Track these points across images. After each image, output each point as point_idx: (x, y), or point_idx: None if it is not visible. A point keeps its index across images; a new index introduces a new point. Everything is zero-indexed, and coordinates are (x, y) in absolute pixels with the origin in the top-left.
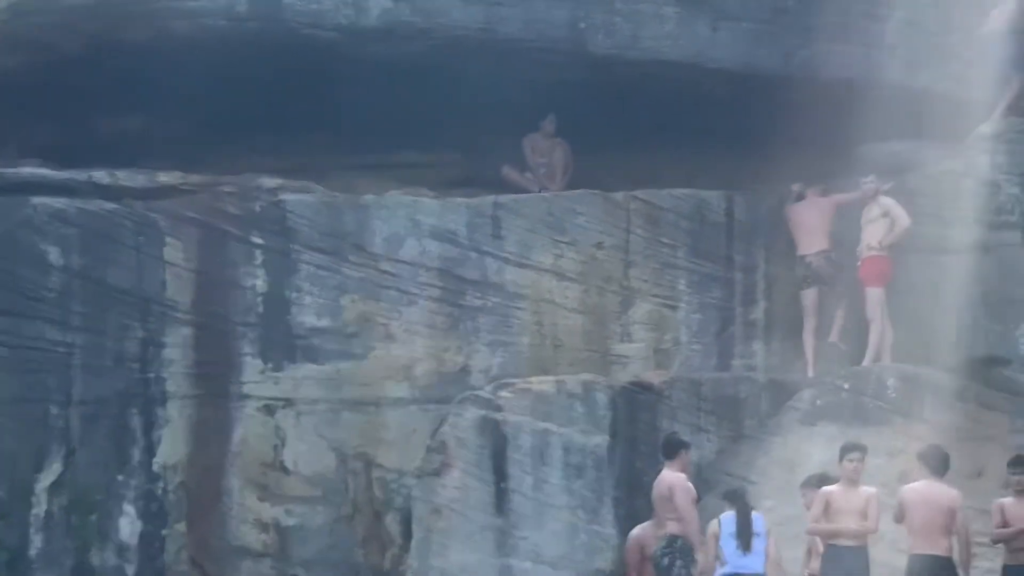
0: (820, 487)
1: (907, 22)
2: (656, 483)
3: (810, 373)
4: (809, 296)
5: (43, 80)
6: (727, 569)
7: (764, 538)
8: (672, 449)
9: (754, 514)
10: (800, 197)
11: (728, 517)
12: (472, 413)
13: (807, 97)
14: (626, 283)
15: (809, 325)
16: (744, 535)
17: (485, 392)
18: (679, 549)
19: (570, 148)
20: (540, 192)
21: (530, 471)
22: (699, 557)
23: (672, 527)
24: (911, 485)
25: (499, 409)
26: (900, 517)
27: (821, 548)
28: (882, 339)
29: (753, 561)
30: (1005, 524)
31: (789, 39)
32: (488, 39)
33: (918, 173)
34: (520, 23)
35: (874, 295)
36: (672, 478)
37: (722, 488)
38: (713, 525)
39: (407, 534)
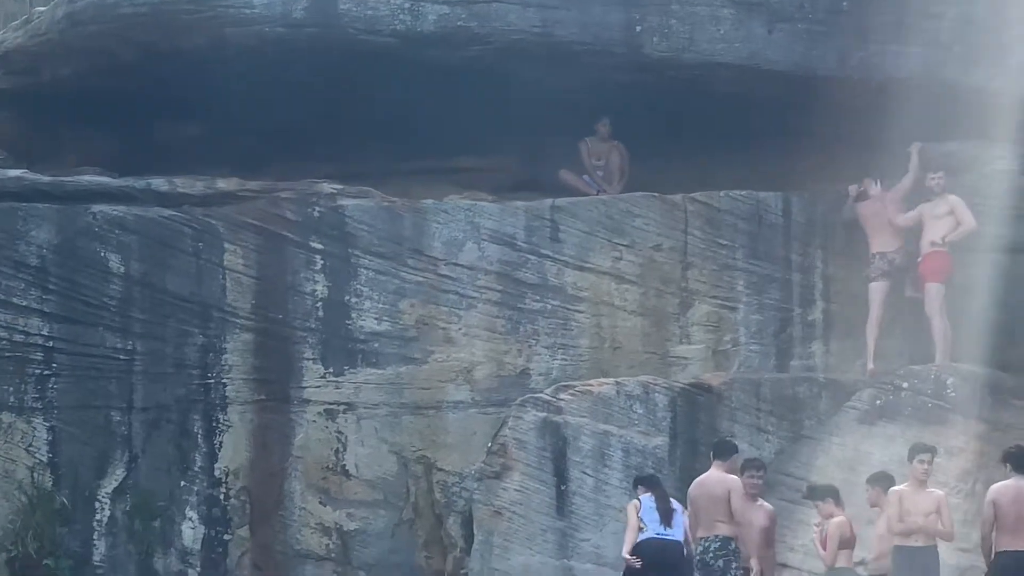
0: (886, 486)
1: (963, 20)
2: (704, 482)
3: (870, 366)
4: (878, 290)
5: (100, 88)
6: (648, 534)
7: (681, 515)
8: (728, 451)
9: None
10: (864, 196)
11: (647, 497)
12: (532, 416)
13: (863, 97)
14: (684, 285)
15: (874, 318)
16: (665, 513)
17: (545, 395)
18: (734, 552)
19: (626, 151)
20: (598, 195)
21: (591, 473)
22: (753, 564)
23: (724, 529)
24: (999, 484)
25: (559, 411)
26: (989, 516)
27: (883, 547)
28: (944, 335)
29: (675, 532)
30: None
31: (844, 39)
32: (544, 43)
33: (975, 172)
34: (576, 26)
35: (935, 291)
36: (730, 481)
37: (782, 490)
38: (634, 503)
39: (468, 537)
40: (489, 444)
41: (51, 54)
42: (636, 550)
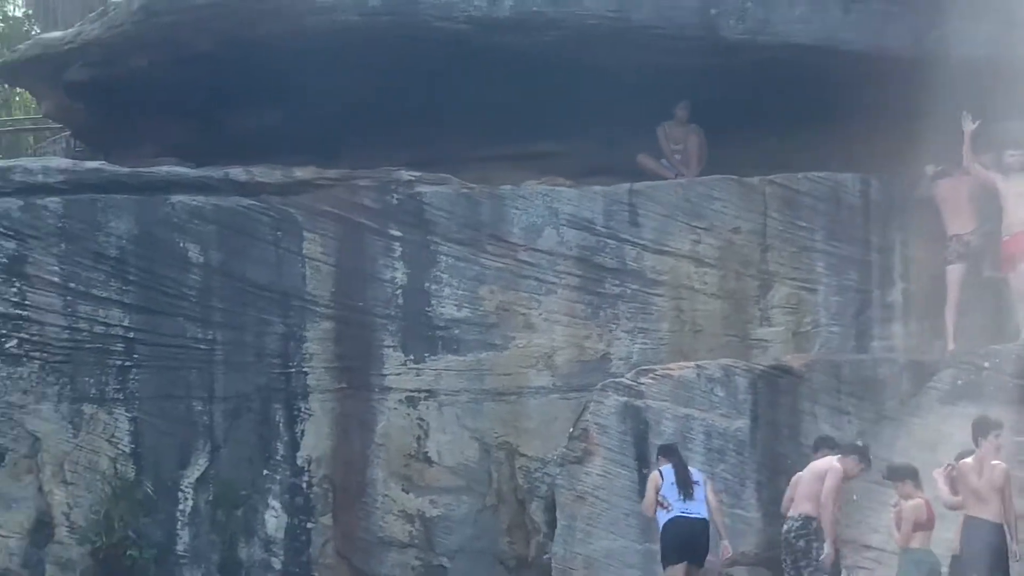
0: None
1: None
2: (813, 464)
3: (950, 347)
4: (956, 271)
5: (176, 79)
6: (673, 513)
7: (703, 486)
8: (829, 446)
9: (691, 467)
10: (944, 175)
11: (667, 469)
12: (613, 400)
13: (940, 77)
14: (764, 267)
15: (952, 300)
16: (685, 484)
17: (626, 379)
18: (815, 531)
19: (704, 134)
20: (676, 179)
21: None
22: (827, 547)
23: (806, 507)
24: None
25: (640, 395)
26: None
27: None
28: None
29: (697, 507)
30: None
31: (921, 19)
32: (620, 27)
33: None
34: (651, 10)
35: None
36: (834, 463)
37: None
38: (654, 476)
39: (551, 522)
40: (571, 429)
41: (127, 46)
42: (664, 532)
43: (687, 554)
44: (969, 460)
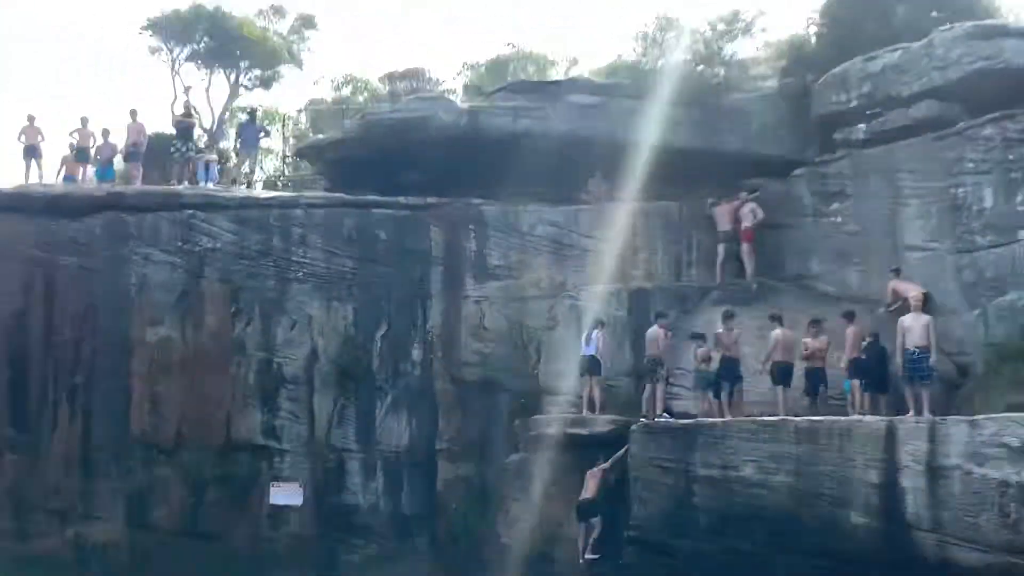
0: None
1: None
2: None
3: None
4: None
5: (374, 155)
6: (583, 352)
7: (596, 339)
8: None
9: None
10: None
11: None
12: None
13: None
14: None
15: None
16: (587, 338)
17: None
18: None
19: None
20: None
21: None
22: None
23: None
24: None
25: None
26: None
27: None
28: None
29: (591, 349)
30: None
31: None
32: None
33: None
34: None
35: None
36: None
37: None
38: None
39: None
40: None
41: (354, 142)
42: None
43: (585, 371)
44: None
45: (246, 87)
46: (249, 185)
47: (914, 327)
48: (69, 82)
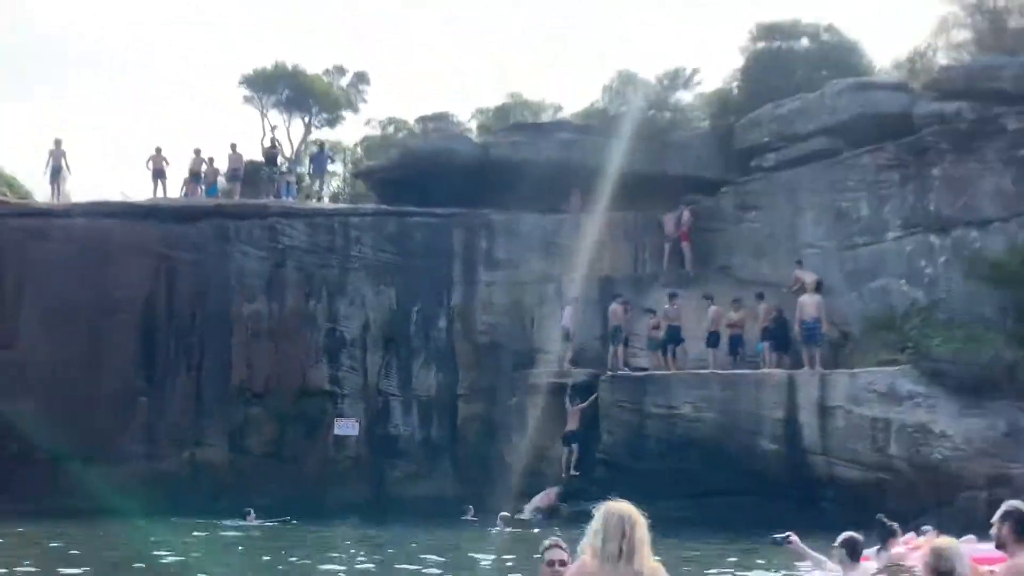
0: None
1: None
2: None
3: None
4: None
5: (411, 180)
6: None
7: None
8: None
9: None
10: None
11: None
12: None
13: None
14: None
15: None
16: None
17: None
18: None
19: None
20: None
21: None
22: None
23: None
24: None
25: None
26: None
27: None
28: None
29: None
30: None
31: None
32: None
33: None
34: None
35: None
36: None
37: None
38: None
39: None
40: None
41: (393, 168)
42: None
43: (564, 338)
44: None
45: (316, 126)
46: (318, 199)
47: (809, 304)
48: (185, 122)
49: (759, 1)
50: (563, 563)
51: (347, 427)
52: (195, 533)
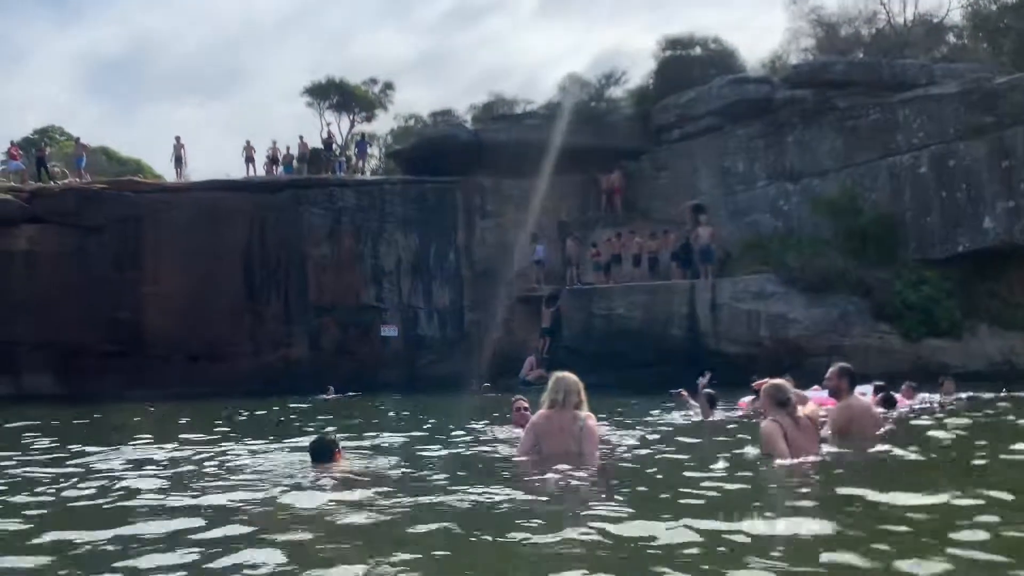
0: None
1: None
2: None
3: None
4: None
5: (437, 162)
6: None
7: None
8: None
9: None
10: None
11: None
12: None
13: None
14: None
15: None
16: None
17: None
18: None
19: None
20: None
21: None
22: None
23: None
24: None
25: None
26: None
27: None
28: None
29: None
30: None
31: None
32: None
33: None
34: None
35: None
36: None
37: None
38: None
39: None
40: None
41: (413, 149)
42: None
43: (535, 264)
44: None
45: (358, 122)
46: (362, 174)
47: (703, 233)
48: (267, 123)
49: (670, 19)
50: (526, 408)
51: (390, 330)
52: (291, 404)
